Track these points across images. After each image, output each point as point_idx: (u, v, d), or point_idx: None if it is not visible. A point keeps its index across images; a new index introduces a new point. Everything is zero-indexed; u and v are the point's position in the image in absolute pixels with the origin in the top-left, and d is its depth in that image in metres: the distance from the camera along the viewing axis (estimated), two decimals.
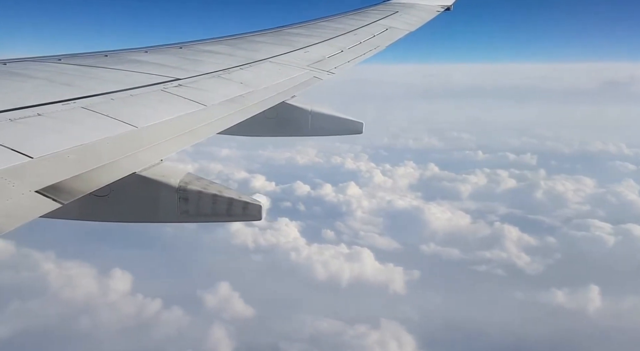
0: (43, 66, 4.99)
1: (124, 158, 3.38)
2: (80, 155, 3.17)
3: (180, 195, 3.74)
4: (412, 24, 11.50)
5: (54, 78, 4.58)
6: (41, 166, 2.89)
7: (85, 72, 5.04)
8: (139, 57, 6.07)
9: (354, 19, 11.19)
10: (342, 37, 9.49)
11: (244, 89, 5.55)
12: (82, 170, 3.01)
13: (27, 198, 2.60)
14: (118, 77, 5.02)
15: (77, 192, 2.84)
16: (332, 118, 6.79)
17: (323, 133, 6.85)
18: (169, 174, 3.75)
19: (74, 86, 4.40)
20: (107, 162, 3.24)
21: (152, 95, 4.66)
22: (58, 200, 2.67)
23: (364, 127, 6.86)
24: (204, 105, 4.70)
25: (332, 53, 8.29)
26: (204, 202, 3.78)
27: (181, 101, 4.68)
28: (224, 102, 5.01)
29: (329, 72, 7.32)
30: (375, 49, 9.23)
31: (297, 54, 7.81)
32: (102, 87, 4.47)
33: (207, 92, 5.10)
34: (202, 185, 3.81)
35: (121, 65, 5.50)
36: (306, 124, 6.57)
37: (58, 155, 3.06)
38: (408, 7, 13.04)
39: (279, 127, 6.51)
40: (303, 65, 7.24)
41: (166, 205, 3.77)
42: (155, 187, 3.67)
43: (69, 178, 2.87)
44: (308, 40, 8.81)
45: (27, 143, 3.04)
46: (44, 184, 2.72)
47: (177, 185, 3.72)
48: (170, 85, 5.00)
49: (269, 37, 8.90)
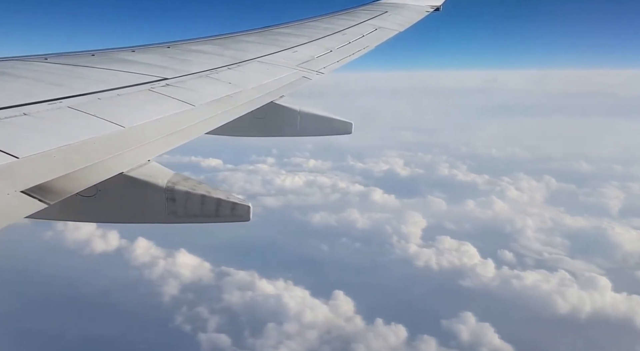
0: (29, 65, 4.95)
1: (111, 159, 3.37)
2: (67, 155, 3.15)
3: (168, 196, 3.73)
4: (402, 24, 11.53)
5: (40, 77, 4.55)
6: (27, 166, 2.87)
7: (72, 71, 5.00)
8: (127, 57, 6.04)
9: (343, 19, 11.20)
10: (331, 37, 9.49)
11: (232, 89, 5.54)
12: (69, 170, 3.00)
13: (13, 199, 2.58)
14: (105, 76, 4.99)
15: (63, 192, 2.82)
16: (321, 119, 6.80)
17: (312, 134, 6.85)
18: (157, 174, 3.74)
19: (60, 85, 4.36)
20: (94, 162, 3.22)
21: (140, 94, 4.64)
22: (44, 200, 2.66)
23: (352, 128, 6.87)
24: (191, 105, 4.69)
25: (321, 53, 8.28)
26: (191, 203, 3.77)
27: (169, 101, 4.66)
28: (212, 102, 5.00)
29: (318, 72, 7.32)
30: (365, 49, 9.24)
31: (286, 54, 7.80)
32: (89, 87, 4.44)
33: (195, 92, 5.09)
34: (190, 186, 3.80)
35: (108, 65, 5.47)
36: (295, 124, 6.57)
37: (44, 155, 3.04)
38: (397, 7, 13.07)
39: (267, 127, 6.50)
40: (292, 65, 7.24)
41: (154, 206, 3.76)
42: (142, 188, 3.65)
43: (55, 179, 2.85)
44: (297, 40, 8.81)
45: (12, 143, 3.02)
46: (29, 184, 2.70)
47: (164, 185, 3.71)
48: (157, 85, 4.98)
49: (257, 37, 8.88)
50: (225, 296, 54.49)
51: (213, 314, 51.24)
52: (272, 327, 48.64)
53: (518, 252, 65.03)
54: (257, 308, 52.26)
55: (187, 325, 49.70)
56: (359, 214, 76.65)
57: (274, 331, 48.22)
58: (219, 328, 49.11)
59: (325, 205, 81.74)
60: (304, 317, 50.41)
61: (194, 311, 51.62)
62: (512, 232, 70.62)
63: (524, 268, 60.18)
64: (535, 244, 67.39)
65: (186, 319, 50.53)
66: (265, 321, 49.61)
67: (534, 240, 68.29)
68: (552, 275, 57.81)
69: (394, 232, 70.21)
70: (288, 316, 50.51)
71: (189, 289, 56.02)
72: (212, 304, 52.84)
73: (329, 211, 78.64)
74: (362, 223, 74.24)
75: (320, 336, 48.24)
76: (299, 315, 50.73)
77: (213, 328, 49.23)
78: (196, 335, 48.18)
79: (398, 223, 72.46)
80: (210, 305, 52.73)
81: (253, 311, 51.66)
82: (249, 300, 53.71)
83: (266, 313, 51.04)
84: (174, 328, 49.36)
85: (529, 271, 58.91)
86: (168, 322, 50.02)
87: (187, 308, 52.18)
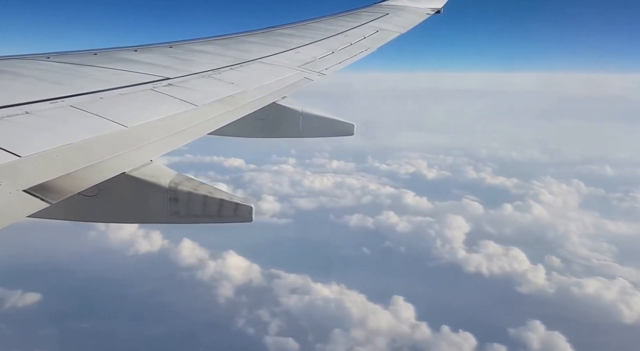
0: (31, 64, 4.94)
1: (113, 158, 3.35)
2: (69, 155, 3.13)
3: (171, 196, 3.71)
4: (403, 26, 11.53)
5: (43, 76, 4.53)
6: (29, 165, 2.85)
7: (75, 70, 4.99)
8: (129, 56, 6.03)
9: (345, 21, 11.20)
10: (333, 39, 9.49)
11: (234, 89, 5.52)
12: (71, 169, 2.98)
13: (15, 198, 2.56)
14: (107, 75, 4.97)
15: (65, 191, 2.80)
16: (324, 120, 6.78)
17: (314, 135, 6.83)
18: (159, 174, 3.72)
19: (62, 84, 4.35)
20: (96, 161, 3.21)
21: (142, 94, 4.63)
22: (46, 199, 2.64)
23: (355, 129, 6.86)
24: (194, 105, 4.67)
25: (323, 54, 8.28)
26: (194, 203, 3.76)
27: (171, 101, 4.65)
28: (215, 102, 4.98)
29: (320, 73, 7.31)
30: (366, 50, 9.24)
31: (288, 55, 7.80)
32: (92, 86, 4.42)
33: (197, 92, 5.07)
34: (192, 186, 3.78)
35: (111, 64, 5.45)
36: (297, 125, 6.55)
37: (46, 154, 3.02)
38: (399, 9, 13.08)
39: (269, 128, 6.49)
40: (294, 66, 7.23)
41: (156, 206, 3.74)
42: (145, 188, 3.63)
43: (57, 178, 2.84)
44: (299, 41, 8.80)
45: (15, 142, 3.00)
46: (32, 183, 2.68)
47: (167, 185, 3.69)
48: (160, 85, 4.97)
49: (259, 38, 8.88)
50: (283, 299, 54.18)
51: (273, 317, 50.91)
52: (338, 333, 48.17)
53: (565, 257, 64.24)
54: (316, 312, 52.00)
55: (250, 328, 49.38)
56: (396, 217, 76.14)
57: (341, 337, 47.61)
58: (282, 332, 48.77)
59: (359, 207, 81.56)
60: (368, 323, 49.58)
61: (254, 314, 51.30)
62: (556, 237, 69.97)
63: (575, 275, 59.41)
64: (582, 250, 66.56)
65: (248, 322, 50.27)
66: (328, 326, 49.03)
67: (580, 246, 67.49)
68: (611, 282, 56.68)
69: (437, 236, 69.74)
70: (351, 321, 49.89)
71: (243, 291, 55.82)
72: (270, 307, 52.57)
73: (364, 213, 78.17)
74: (402, 226, 73.76)
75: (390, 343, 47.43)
76: (362, 321, 49.91)
77: (275, 331, 48.92)
78: (262, 338, 47.83)
79: (440, 227, 71.93)
80: (269, 308, 52.44)
81: (312, 315, 51.25)
82: (307, 304, 53.50)
83: (327, 318, 50.48)
84: (237, 331, 49.09)
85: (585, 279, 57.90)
86: (230, 325, 49.72)
87: (247, 310, 51.87)
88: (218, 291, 55.61)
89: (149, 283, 55.87)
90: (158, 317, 49.94)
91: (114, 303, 52.23)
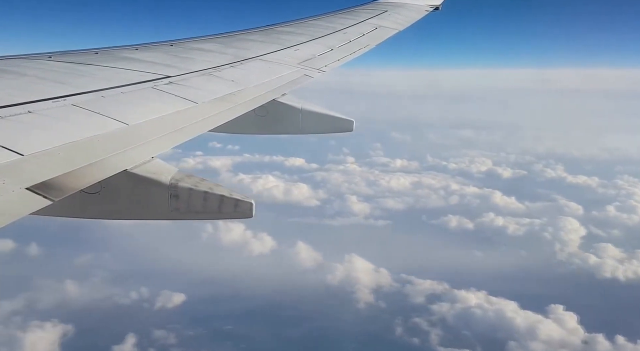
0: (33, 63, 4.97)
1: (114, 156, 3.39)
2: (71, 153, 3.17)
3: (171, 193, 3.75)
4: (401, 24, 11.55)
5: (45, 75, 4.57)
6: (32, 163, 2.89)
7: (76, 69, 5.02)
8: (130, 55, 6.06)
9: (343, 18, 11.22)
10: (332, 36, 9.51)
11: (234, 87, 5.56)
12: (73, 167, 3.02)
13: (18, 196, 2.60)
14: (108, 74, 5.01)
15: (67, 189, 2.84)
16: (323, 117, 6.81)
17: (314, 131, 6.86)
18: (160, 171, 3.75)
19: (64, 83, 4.39)
20: (98, 159, 3.25)
21: (143, 92, 4.66)
22: (49, 197, 2.68)
23: (354, 125, 6.89)
24: (194, 103, 4.71)
25: (322, 51, 8.31)
26: (195, 199, 3.79)
27: (172, 99, 4.68)
28: (215, 99, 5.02)
29: (319, 70, 7.34)
30: (365, 47, 9.27)
31: (288, 52, 7.83)
32: (93, 85, 4.46)
33: (197, 90, 5.11)
34: (193, 183, 3.82)
35: (112, 63, 5.49)
36: (297, 122, 6.58)
37: (48, 153, 3.06)
38: (397, 6, 13.09)
39: (269, 125, 6.52)
40: (293, 64, 7.26)
41: (157, 203, 3.78)
42: (146, 184, 3.67)
43: (59, 176, 2.88)
44: (298, 38, 8.83)
45: (17, 141, 3.04)
46: (34, 181, 2.72)
47: (168, 182, 3.73)
48: (160, 83, 5.00)
49: (259, 36, 8.90)
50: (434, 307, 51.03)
51: (432, 327, 48.13)
52: (515, 346, 44.98)
53: None
54: (475, 320, 48.76)
55: (413, 338, 46.85)
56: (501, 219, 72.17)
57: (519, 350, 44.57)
58: (448, 342, 45.92)
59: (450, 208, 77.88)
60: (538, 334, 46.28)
61: (410, 322, 48.63)
62: None
63: None
64: None
65: (407, 331, 47.71)
66: (497, 337, 46.11)
67: None
68: None
69: (554, 239, 66.69)
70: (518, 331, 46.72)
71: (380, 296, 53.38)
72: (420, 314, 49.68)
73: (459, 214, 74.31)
74: (512, 229, 69.83)
75: None
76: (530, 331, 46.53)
77: (437, 341, 46.16)
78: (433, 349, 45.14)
79: (554, 229, 68.69)
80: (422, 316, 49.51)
81: (470, 324, 48.24)
82: (460, 312, 50.14)
83: (491, 328, 47.39)
84: (397, 340, 46.56)
85: None
86: (386, 333, 47.23)
87: (394, 317, 49.29)
88: (355, 296, 53.24)
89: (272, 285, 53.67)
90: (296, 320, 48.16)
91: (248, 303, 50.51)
